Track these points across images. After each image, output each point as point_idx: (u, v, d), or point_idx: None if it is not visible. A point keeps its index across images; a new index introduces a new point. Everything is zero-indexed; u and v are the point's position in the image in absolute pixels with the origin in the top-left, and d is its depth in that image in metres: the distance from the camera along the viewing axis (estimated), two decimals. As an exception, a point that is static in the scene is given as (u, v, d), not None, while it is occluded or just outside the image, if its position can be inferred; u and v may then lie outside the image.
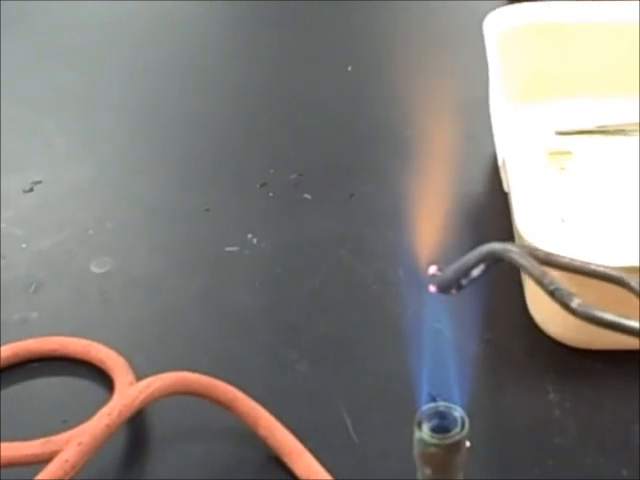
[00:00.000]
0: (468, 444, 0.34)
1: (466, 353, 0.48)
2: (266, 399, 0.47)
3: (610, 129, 0.65)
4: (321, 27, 0.84)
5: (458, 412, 0.33)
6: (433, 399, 0.34)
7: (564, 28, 0.66)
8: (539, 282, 0.30)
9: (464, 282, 0.34)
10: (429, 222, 0.42)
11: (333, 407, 0.48)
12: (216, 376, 0.47)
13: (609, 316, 0.29)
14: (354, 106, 0.72)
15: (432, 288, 0.35)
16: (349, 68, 0.76)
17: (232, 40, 0.84)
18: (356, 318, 0.54)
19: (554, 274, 0.31)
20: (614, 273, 0.31)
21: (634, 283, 0.30)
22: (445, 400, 0.34)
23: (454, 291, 0.35)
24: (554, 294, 0.30)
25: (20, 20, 0.85)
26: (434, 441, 0.33)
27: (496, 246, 0.33)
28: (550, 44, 0.66)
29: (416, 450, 0.34)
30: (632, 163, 0.61)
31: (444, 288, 0.35)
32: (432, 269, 0.35)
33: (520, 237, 0.49)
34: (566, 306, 0.29)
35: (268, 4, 0.87)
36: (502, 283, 0.52)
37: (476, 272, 0.34)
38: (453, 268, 0.34)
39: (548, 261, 0.32)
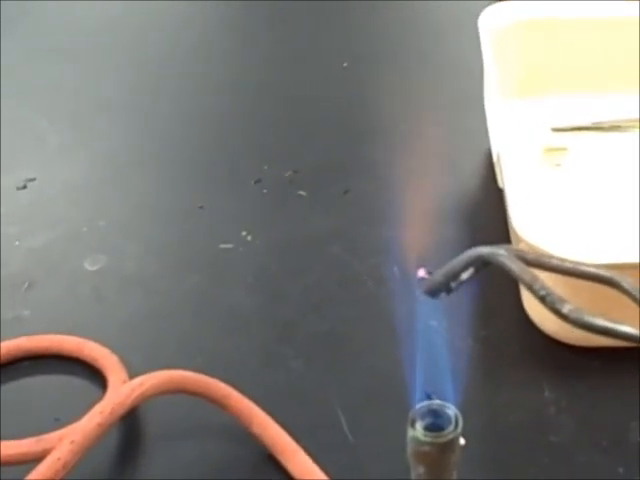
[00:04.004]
0: (463, 442, 0.33)
1: (461, 350, 0.48)
2: (260, 397, 0.46)
3: (605, 125, 0.64)
4: (317, 24, 0.84)
5: (452, 410, 0.33)
6: (428, 397, 0.34)
7: (559, 24, 0.66)
8: (529, 287, 0.30)
9: (453, 285, 0.34)
10: (423, 218, 0.42)
11: (327, 405, 0.48)
12: (210, 374, 0.47)
13: (601, 321, 0.28)
14: (349, 102, 0.72)
15: (421, 292, 0.34)
16: (344, 64, 0.76)
17: (226, 38, 0.84)
18: (350, 315, 0.54)
19: (544, 276, 0.31)
20: (605, 273, 0.31)
21: (625, 283, 0.30)
22: (440, 398, 0.34)
23: (443, 294, 0.34)
24: (545, 300, 0.29)
25: (15, 19, 0.85)
26: (427, 440, 0.33)
27: (484, 250, 0.33)
28: (545, 40, 0.66)
29: (409, 449, 0.33)
30: (628, 159, 0.61)
31: (433, 292, 0.34)
32: (421, 272, 0.35)
33: (515, 233, 0.49)
34: (557, 312, 0.29)
35: (262, 1, 0.86)
36: (497, 280, 0.51)
37: (465, 275, 0.33)
38: (442, 272, 0.34)
39: (538, 263, 0.32)
